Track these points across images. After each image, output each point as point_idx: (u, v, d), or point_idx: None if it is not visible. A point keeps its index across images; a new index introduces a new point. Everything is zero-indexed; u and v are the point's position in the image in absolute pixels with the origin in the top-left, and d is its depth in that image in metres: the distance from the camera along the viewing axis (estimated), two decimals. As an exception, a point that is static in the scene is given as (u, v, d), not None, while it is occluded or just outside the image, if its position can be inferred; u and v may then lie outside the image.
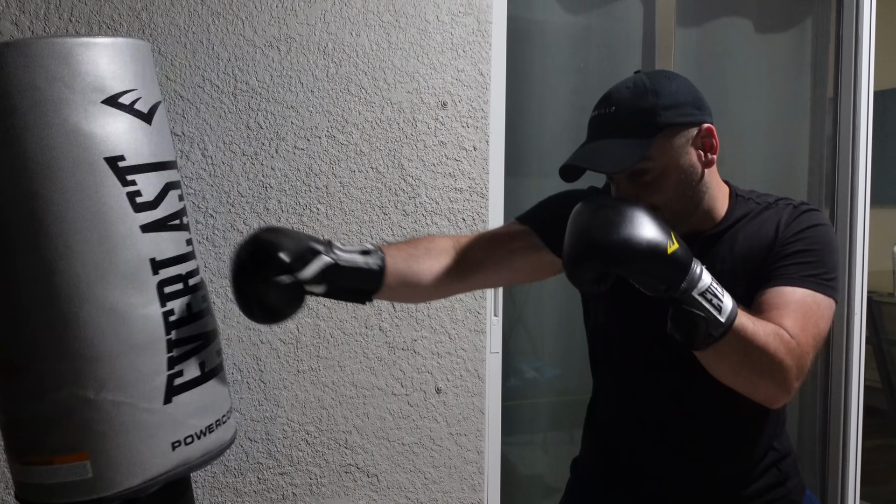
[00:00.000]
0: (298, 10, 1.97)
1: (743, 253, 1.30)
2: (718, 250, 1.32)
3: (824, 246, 1.27)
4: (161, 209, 1.35)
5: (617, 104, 1.25)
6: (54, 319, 1.25)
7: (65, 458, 1.28)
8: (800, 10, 2.92)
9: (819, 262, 1.25)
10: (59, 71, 1.24)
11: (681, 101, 1.26)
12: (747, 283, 1.26)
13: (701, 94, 1.31)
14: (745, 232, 1.32)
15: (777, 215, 1.32)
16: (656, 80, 1.27)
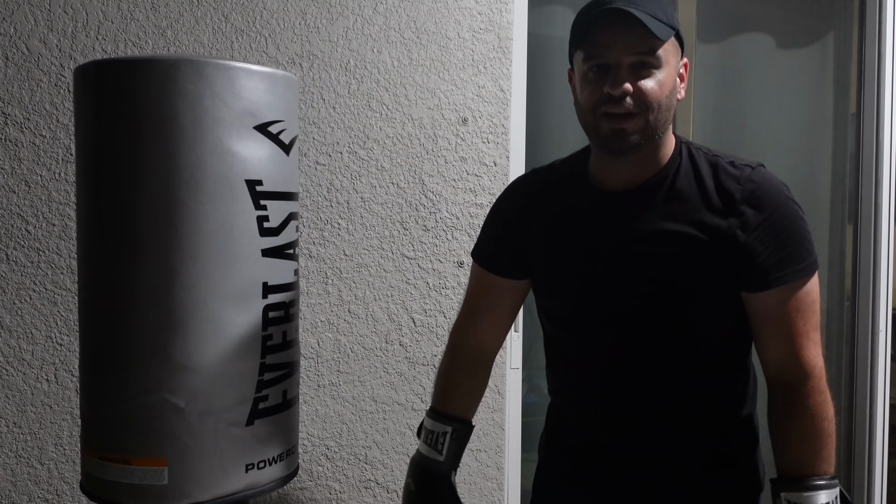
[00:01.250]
0: (321, 27, 1.99)
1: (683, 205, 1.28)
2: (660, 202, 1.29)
3: (797, 225, 1.27)
4: (282, 237, 1.41)
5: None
6: (162, 324, 1.31)
7: (143, 461, 1.32)
8: (822, 26, 2.91)
9: (799, 244, 1.26)
10: (223, 91, 1.31)
11: (677, 19, 1.27)
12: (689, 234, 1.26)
13: None
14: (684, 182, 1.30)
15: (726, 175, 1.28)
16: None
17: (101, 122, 1.34)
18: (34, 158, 1.77)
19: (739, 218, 1.24)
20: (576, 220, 1.36)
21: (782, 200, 1.27)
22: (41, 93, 1.77)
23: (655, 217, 1.28)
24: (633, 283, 1.29)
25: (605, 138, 1.25)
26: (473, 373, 1.52)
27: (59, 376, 1.81)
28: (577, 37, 1.26)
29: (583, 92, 1.27)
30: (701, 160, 1.31)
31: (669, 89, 1.24)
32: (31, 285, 1.78)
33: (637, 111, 1.21)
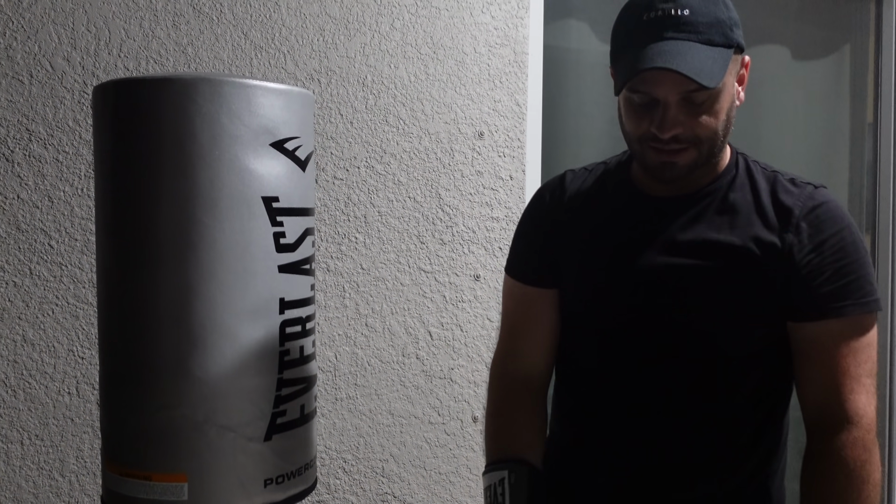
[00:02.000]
0: (339, 43, 2.01)
1: (735, 218, 1.19)
2: (711, 214, 1.20)
3: (860, 254, 1.16)
4: (298, 252, 1.42)
5: (689, 6, 1.08)
6: (182, 339, 1.32)
7: (163, 476, 1.33)
8: (837, 37, 2.91)
9: (862, 276, 1.14)
10: (240, 109, 1.33)
11: (738, 20, 1.13)
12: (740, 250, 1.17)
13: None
14: (738, 195, 1.21)
15: (784, 191, 1.19)
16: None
17: (118, 139, 1.36)
18: (57, 174, 1.80)
19: (797, 236, 1.14)
20: (619, 225, 1.25)
21: (847, 224, 1.17)
22: (64, 110, 1.80)
23: (706, 228, 1.18)
24: (676, 296, 1.18)
25: (653, 168, 1.16)
26: (527, 405, 1.33)
27: (81, 389, 1.83)
28: (618, 57, 1.15)
29: (627, 117, 1.16)
30: (758, 174, 1.22)
31: (727, 110, 1.13)
32: (54, 299, 1.81)
33: (688, 145, 1.12)
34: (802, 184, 1.21)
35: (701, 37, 1.07)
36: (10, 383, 1.78)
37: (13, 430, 1.79)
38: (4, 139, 1.77)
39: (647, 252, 1.21)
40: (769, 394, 1.24)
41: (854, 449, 1.10)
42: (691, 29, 1.07)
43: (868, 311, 1.14)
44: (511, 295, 1.40)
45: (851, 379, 1.12)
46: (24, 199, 1.78)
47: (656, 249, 1.20)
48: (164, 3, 1.86)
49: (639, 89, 1.11)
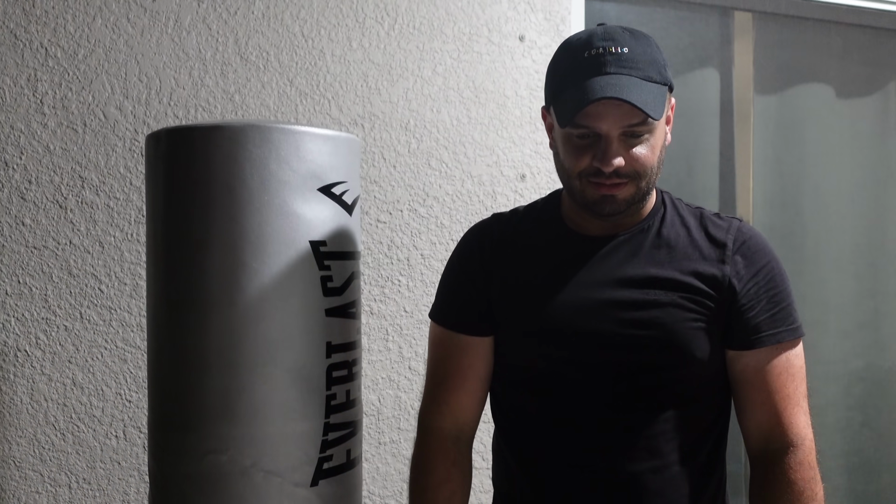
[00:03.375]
0: (382, 88, 2.04)
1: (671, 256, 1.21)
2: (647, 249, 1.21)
3: (786, 283, 1.21)
4: (345, 296, 1.43)
5: (627, 45, 1.12)
6: (231, 384, 1.33)
7: None
8: (882, 75, 2.87)
9: (790, 304, 1.20)
10: (289, 155, 1.35)
11: (667, 63, 1.17)
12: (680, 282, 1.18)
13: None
14: (671, 230, 1.22)
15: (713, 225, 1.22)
16: (648, 35, 1.17)
17: (170, 185, 1.39)
18: (108, 220, 1.84)
19: (734, 268, 1.18)
20: (554, 266, 1.24)
21: (773, 256, 1.22)
22: (116, 157, 1.85)
23: (645, 263, 1.20)
24: (620, 332, 1.18)
25: (593, 203, 1.16)
26: (457, 461, 1.32)
27: (128, 433, 1.84)
28: (559, 95, 1.16)
29: (566, 154, 1.17)
30: (684, 210, 1.26)
31: (661, 146, 1.16)
32: (103, 343, 1.83)
33: (627, 179, 1.14)
34: (727, 218, 1.25)
35: (641, 73, 1.11)
36: (59, 426, 1.80)
37: (61, 473, 1.80)
38: (59, 186, 1.81)
39: (589, 290, 1.20)
40: (716, 424, 1.25)
41: (801, 470, 1.15)
42: (632, 65, 1.11)
43: (799, 335, 1.20)
44: (439, 343, 1.34)
45: (792, 402, 1.17)
46: (76, 245, 1.82)
47: (597, 287, 1.20)
48: (213, 53, 1.91)
49: (582, 124, 1.12)
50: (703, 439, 1.23)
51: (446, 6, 2.09)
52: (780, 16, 2.67)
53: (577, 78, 1.12)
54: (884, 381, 2.85)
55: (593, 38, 1.14)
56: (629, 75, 1.10)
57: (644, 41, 1.15)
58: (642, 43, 1.14)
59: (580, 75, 1.12)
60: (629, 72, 1.10)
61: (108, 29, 1.85)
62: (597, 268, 1.22)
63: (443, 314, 1.34)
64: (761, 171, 2.68)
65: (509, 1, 2.15)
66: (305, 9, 1.98)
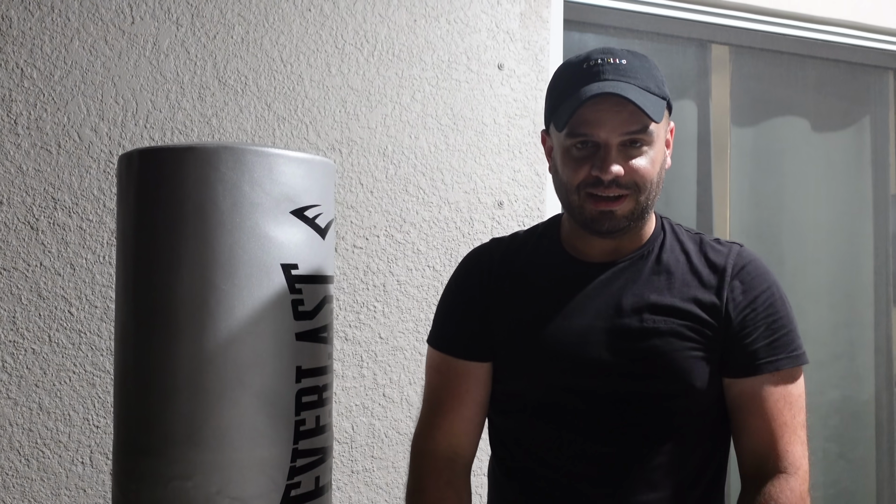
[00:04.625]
0: (360, 114, 2.04)
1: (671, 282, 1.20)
2: (646, 275, 1.20)
3: (787, 309, 1.19)
4: (316, 320, 1.42)
5: (625, 58, 1.14)
6: (198, 409, 1.30)
7: None
8: (856, 110, 2.91)
9: (791, 331, 1.18)
10: (262, 177, 1.35)
11: (664, 82, 1.18)
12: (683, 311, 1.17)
13: None
14: (671, 256, 1.22)
15: (712, 251, 1.22)
16: (645, 55, 1.18)
17: (141, 206, 1.38)
18: (80, 242, 1.82)
19: (732, 293, 1.17)
20: (553, 291, 1.23)
21: (773, 281, 1.21)
22: (90, 179, 1.83)
23: (645, 290, 1.18)
24: (620, 360, 1.16)
25: (591, 219, 1.16)
26: (452, 482, 1.27)
27: (95, 459, 1.81)
28: (558, 106, 1.16)
29: (565, 168, 1.16)
30: (684, 236, 1.25)
31: (661, 164, 1.16)
32: (72, 367, 1.80)
33: (627, 192, 1.13)
34: (727, 243, 1.24)
35: (639, 82, 1.11)
36: (23, 452, 1.77)
37: (24, 500, 1.76)
38: (31, 207, 1.79)
39: (587, 317, 1.19)
40: (716, 456, 1.24)
41: (791, 498, 1.12)
42: (630, 75, 1.12)
43: (799, 363, 1.18)
44: (436, 369, 1.32)
45: (788, 430, 1.15)
46: (47, 266, 1.80)
47: (596, 314, 1.19)
48: (191, 76, 1.91)
49: (580, 132, 1.12)
50: (702, 471, 1.22)
51: (426, 34, 2.11)
52: (756, 49, 2.72)
53: (575, 87, 1.13)
54: (860, 412, 2.86)
55: (592, 53, 1.16)
56: (627, 83, 1.10)
57: (642, 58, 1.16)
58: (641, 59, 1.16)
59: (578, 84, 1.13)
60: (627, 80, 1.11)
61: (85, 50, 1.84)
62: (596, 295, 1.20)
63: (440, 339, 1.32)
64: (738, 202, 2.70)
65: (488, 30, 2.17)
66: (285, 34, 1.99)
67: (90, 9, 1.85)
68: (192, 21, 1.92)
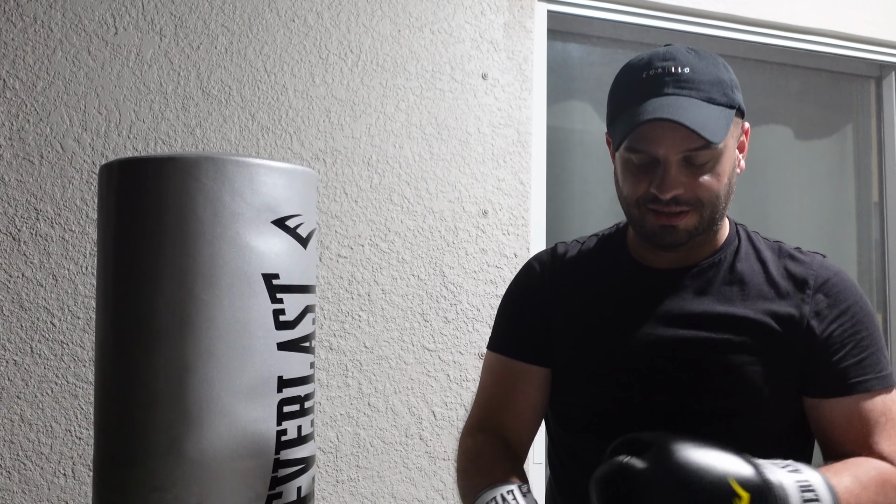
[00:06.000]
0: (344, 124, 2.05)
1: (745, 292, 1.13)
2: (718, 285, 1.14)
3: (875, 326, 1.11)
4: (298, 330, 1.41)
5: (690, 65, 1.06)
6: (177, 419, 1.30)
7: None
8: (839, 118, 2.94)
9: (879, 350, 1.09)
10: (243, 187, 1.35)
11: (738, 84, 1.10)
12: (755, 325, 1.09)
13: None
14: (745, 265, 1.15)
15: (793, 261, 1.14)
16: (716, 55, 1.10)
17: (122, 217, 1.38)
18: (62, 253, 1.81)
19: (815, 307, 1.08)
20: (617, 299, 1.17)
21: (860, 295, 1.12)
22: (72, 189, 1.83)
23: (715, 301, 1.11)
24: (686, 374, 1.10)
25: (653, 233, 1.10)
26: (506, 451, 1.17)
27: (77, 471, 1.80)
28: (616, 118, 1.10)
29: (625, 181, 1.11)
30: (761, 244, 1.18)
31: (729, 173, 1.08)
32: (54, 378, 1.79)
33: (689, 208, 1.07)
34: (810, 253, 1.16)
35: (702, 94, 1.04)
36: (4, 464, 1.75)
37: (6, 513, 1.75)
38: (12, 218, 1.79)
39: (653, 326, 1.13)
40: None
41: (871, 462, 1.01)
42: (692, 86, 1.04)
43: (889, 385, 1.08)
44: (491, 369, 1.27)
45: (884, 436, 1.05)
46: (29, 277, 1.79)
47: (663, 323, 1.12)
48: (174, 87, 1.91)
49: (638, 148, 1.06)
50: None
51: (410, 44, 2.12)
52: (739, 59, 2.73)
53: (633, 100, 1.07)
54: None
55: (654, 59, 1.08)
56: (689, 96, 1.04)
57: (710, 60, 1.09)
58: (707, 62, 1.08)
59: (637, 97, 1.06)
60: (689, 92, 1.04)
61: (68, 61, 1.84)
62: (662, 303, 1.14)
63: (499, 341, 1.26)
64: (722, 210, 2.71)
65: (472, 40, 2.18)
66: (269, 44, 1.99)
67: (73, 20, 1.85)
68: (176, 31, 1.92)
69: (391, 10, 2.10)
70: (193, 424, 1.30)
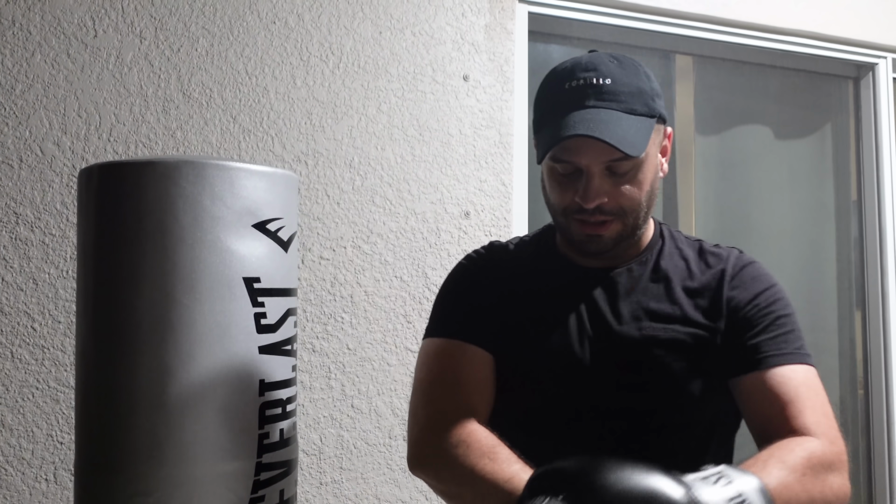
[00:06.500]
0: (326, 126, 2.05)
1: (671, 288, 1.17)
2: (645, 282, 1.18)
3: (792, 311, 1.16)
4: (279, 333, 1.41)
5: (611, 76, 1.08)
6: (159, 424, 1.30)
7: None
8: (818, 117, 2.97)
9: (796, 329, 1.14)
10: (223, 191, 1.34)
11: (660, 92, 1.14)
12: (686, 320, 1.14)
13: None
14: (669, 263, 1.20)
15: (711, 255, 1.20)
16: (637, 63, 1.13)
17: (102, 221, 1.37)
18: (43, 257, 1.81)
19: (732, 293, 1.15)
20: (552, 296, 1.20)
21: (776, 282, 1.19)
22: (52, 193, 1.82)
23: (642, 297, 1.17)
24: (617, 370, 1.13)
25: (579, 242, 1.15)
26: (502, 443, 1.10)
27: (59, 476, 1.79)
28: (540, 129, 1.13)
29: (552, 189, 1.15)
30: (683, 242, 1.24)
31: (651, 180, 1.13)
32: (35, 383, 1.78)
33: (614, 217, 1.11)
34: (727, 248, 1.23)
35: (623, 105, 1.07)
36: (-15, 470, 1.75)
37: (-13, 519, 1.74)
38: (-9, 222, 1.78)
39: (586, 323, 1.16)
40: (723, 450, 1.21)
41: (826, 455, 1.02)
42: (613, 98, 1.07)
43: (806, 361, 1.11)
44: (447, 354, 1.19)
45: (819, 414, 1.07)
46: (9, 282, 1.78)
47: (595, 321, 1.16)
48: (155, 89, 1.90)
49: (562, 158, 1.09)
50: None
51: (391, 46, 2.12)
52: (718, 59, 2.76)
53: (556, 110, 1.09)
54: (825, 415, 2.90)
55: (576, 69, 1.11)
56: (609, 108, 1.06)
57: (632, 70, 1.11)
58: (629, 72, 1.10)
59: (560, 108, 1.09)
60: (610, 104, 1.07)
61: (47, 64, 1.83)
62: (594, 301, 1.18)
63: (448, 327, 1.21)
64: (703, 210, 2.74)
65: (453, 42, 2.19)
66: (250, 47, 1.99)
67: (52, 22, 1.84)
68: (156, 34, 1.92)
69: (372, 12, 2.11)
70: (175, 429, 1.30)
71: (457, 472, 1.08)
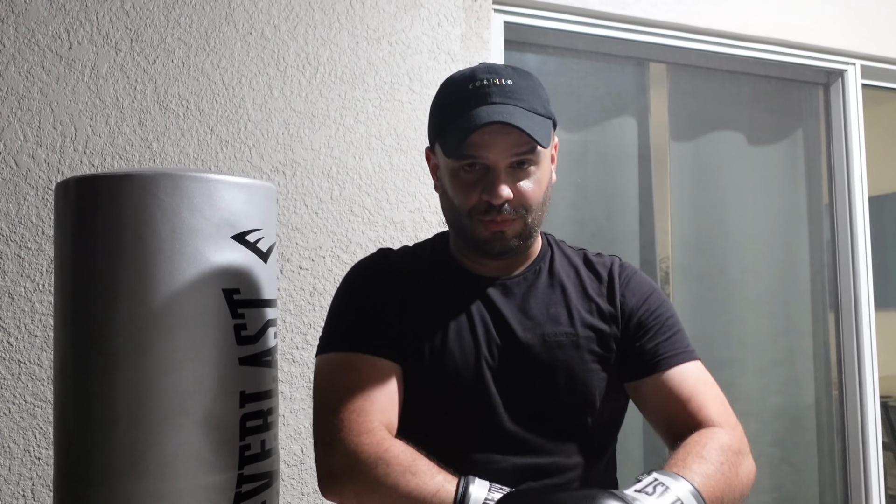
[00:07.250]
0: (303, 136, 2.05)
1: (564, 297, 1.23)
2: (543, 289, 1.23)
3: (674, 311, 1.26)
4: (259, 344, 1.40)
5: (511, 79, 1.14)
6: (139, 438, 1.28)
7: None
8: (789, 123, 3.02)
9: (682, 328, 1.24)
10: (202, 203, 1.34)
11: (549, 100, 1.20)
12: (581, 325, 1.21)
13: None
14: (562, 270, 1.26)
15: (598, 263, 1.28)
16: (529, 72, 1.19)
17: (79, 235, 1.36)
18: (18, 270, 1.79)
19: (623, 298, 1.23)
20: (450, 305, 1.22)
21: (656, 286, 1.28)
22: (28, 206, 1.81)
23: (542, 303, 1.21)
24: (522, 375, 1.17)
25: (483, 241, 1.17)
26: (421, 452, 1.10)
27: (37, 492, 1.77)
28: (444, 128, 1.15)
29: (455, 191, 1.16)
30: (569, 251, 1.30)
31: (547, 182, 1.18)
32: (11, 398, 1.77)
33: (517, 216, 1.14)
34: (606, 256, 1.31)
35: (525, 104, 1.12)
36: (-38, 487, 1.73)
37: (-37, 536, 1.72)
38: (-34, 236, 1.76)
39: (487, 332, 1.19)
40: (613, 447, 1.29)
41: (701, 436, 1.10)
42: (516, 97, 1.12)
43: (695, 357, 1.21)
44: (352, 368, 1.17)
45: (716, 402, 1.16)
46: (-16, 296, 1.77)
47: (496, 328, 1.20)
48: (131, 101, 1.90)
49: (469, 154, 1.11)
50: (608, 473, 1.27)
51: (368, 56, 2.13)
52: (692, 67, 2.80)
53: (462, 109, 1.12)
54: (801, 417, 2.94)
55: (477, 72, 1.15)
56: (514, 105, 1.11)
57: (527, 77, 1.17)
58: (526, 79, 1.16)
59: (465, 106, 1.12)
60: (514, 102, 1.11)
61: (21, 76, 1.82)
62: (494, 309, 1.21)
63: (352, 340, 1.19)
64: (679, 215, 2.77)
65: (430, 51, 2.20)
66: (226, 58, 1.99)
67: (26, 34, 1.83)
68: (132, 45, 1.91)
69: (349, 23, 2.12)
70: (154, 442, 1.29)
71: (379, 493, 1.06)
